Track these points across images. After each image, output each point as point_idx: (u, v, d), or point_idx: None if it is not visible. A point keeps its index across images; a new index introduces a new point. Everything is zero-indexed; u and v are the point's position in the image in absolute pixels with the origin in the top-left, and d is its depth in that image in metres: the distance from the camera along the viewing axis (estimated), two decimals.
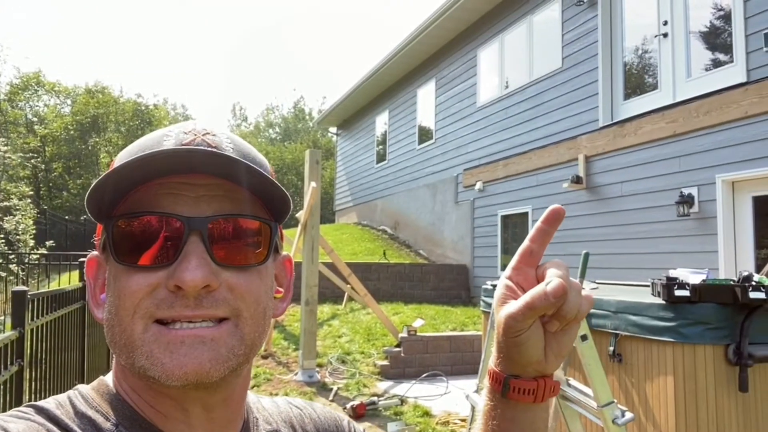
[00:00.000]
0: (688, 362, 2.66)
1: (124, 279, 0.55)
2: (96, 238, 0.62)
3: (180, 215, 0.55)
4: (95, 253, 0.62)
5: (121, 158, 0.58)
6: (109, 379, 0.61)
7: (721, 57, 6.36)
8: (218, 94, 76.80)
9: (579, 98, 8.18)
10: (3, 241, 9.45)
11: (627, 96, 7.63)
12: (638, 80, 7.62)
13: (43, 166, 25.37)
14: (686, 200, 6.18)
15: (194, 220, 0.54)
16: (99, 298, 0.61)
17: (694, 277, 2.71)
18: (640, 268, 6.68)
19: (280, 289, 0.66)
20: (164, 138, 0.58)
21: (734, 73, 6.04)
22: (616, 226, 7.32)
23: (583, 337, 2.17)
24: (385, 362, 6.72)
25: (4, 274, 8.31)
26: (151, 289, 0.54)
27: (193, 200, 0.56)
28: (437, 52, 12.43)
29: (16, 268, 8.46)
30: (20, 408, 0.55)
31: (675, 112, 6.53)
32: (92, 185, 0.54)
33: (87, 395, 0.59)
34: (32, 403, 0.56)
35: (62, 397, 0.58)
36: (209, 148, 0.56)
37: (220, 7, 79.98)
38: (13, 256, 8.85)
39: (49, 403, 0.56)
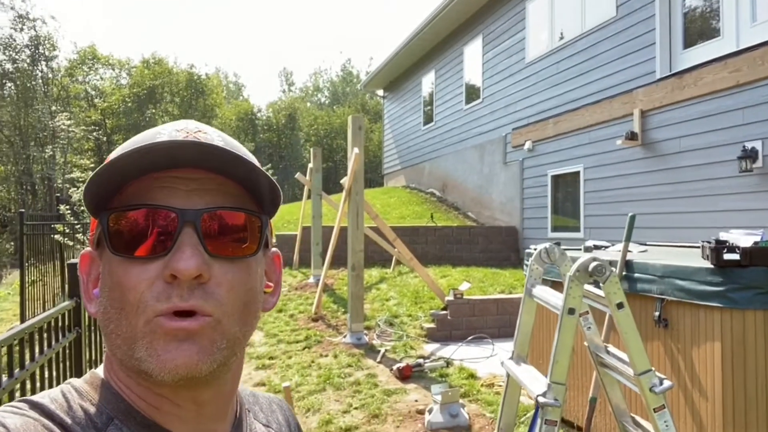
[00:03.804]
0: (737, 328, 2.55)
1: (121, 272, 0.56)
2: (90, 234, 0.64)
3: (174, 207, 0.56)
4: (88, 249, 0.64)
5: (116, 153, 0.59)
6: (101, 371, 0.62)
7: None
8: (267, 60, 77.31)
9: (635, 49, 7.74)
10: (69, 212, 9.99)
11: (687, 45, 7.15)
12: (699, 27, 7.11)
13: (105, 139, 26.47)
14: (749, 155, 5.81)
15: (188, 212, 0.56)
16: (92, 293, 0.62)
17: (746, 239, 2.57)
18: (698, 228, 6.38)
19: (270, 284, 0.67)
20: (157, 135, 0.59)
21: None
22: (673, 184, 6.99)
23: (620, 305, 2.10)
24: (432, 325, 6.78)
25: (71, 243, 8.82)
26: (150, 283, 0.55)
27: (186, 193, 0.57)
28: (483, 7, 11.98)
29: (83, 237, 8.97)
30: (14, 403, 0.56)
31: (738, 61, 6.08)
32: (89, 178, 0.56)
33: (80, 389, 0.59)
34: (26, 398, 0.57)
35: (55, 391, 0.59)
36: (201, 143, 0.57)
37: None
38: (78, 225, 9.36)
39: (43, 398, 0.57)
